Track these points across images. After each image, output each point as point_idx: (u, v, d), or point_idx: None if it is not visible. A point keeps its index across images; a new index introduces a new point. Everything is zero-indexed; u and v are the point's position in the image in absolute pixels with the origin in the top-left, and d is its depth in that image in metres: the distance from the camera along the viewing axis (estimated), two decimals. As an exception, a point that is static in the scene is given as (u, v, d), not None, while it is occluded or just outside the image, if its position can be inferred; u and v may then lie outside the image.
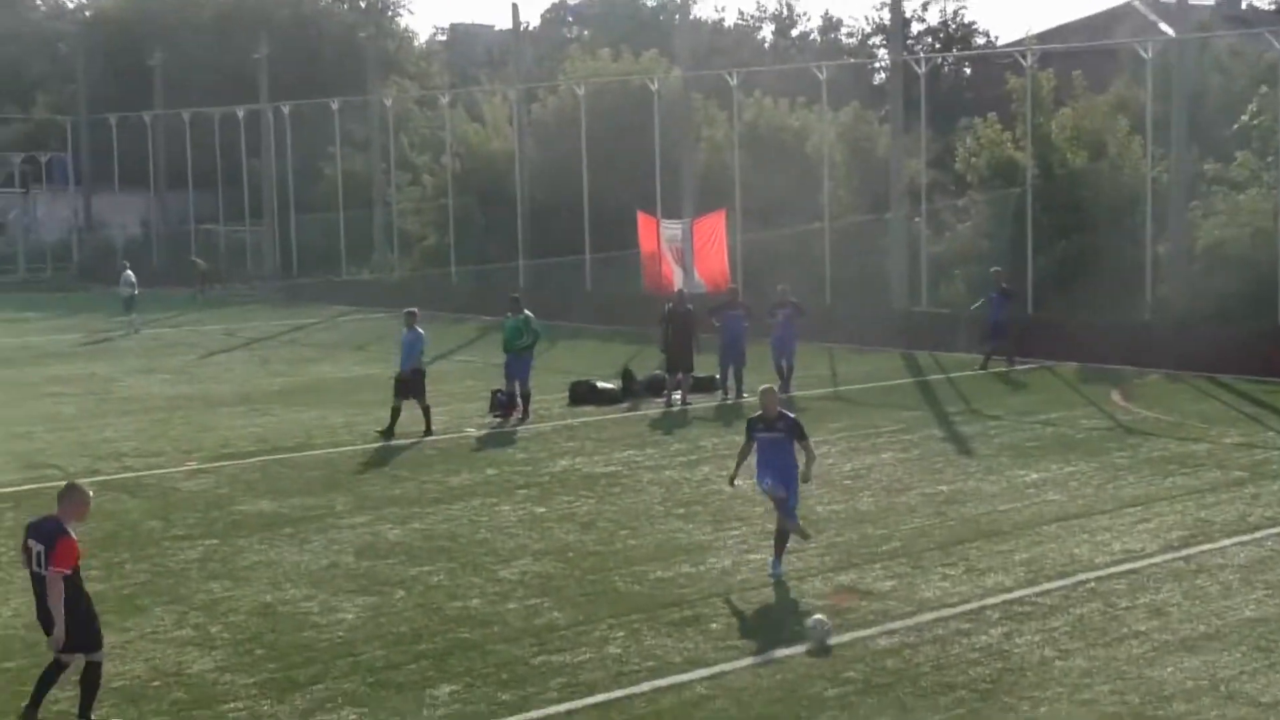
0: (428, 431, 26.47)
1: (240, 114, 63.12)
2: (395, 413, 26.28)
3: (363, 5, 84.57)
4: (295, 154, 61.31)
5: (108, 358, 40.24)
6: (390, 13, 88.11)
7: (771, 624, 15.12)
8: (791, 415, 17.28)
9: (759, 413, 17.13)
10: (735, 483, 17.95)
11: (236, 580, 17.00)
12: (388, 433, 26.17)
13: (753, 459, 17.13)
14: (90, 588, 16.45)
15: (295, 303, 56.79)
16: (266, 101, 62.70)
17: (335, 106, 59.06)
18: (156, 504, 21.24)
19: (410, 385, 26.47)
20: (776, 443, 16.76)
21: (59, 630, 11.59)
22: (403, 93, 66.20)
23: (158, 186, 71.87)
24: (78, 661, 11.99)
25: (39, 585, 11.79)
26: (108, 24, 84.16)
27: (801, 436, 16.89)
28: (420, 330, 26.87)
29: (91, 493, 12.33)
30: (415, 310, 27.68)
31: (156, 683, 13.49)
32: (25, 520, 19.59)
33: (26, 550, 11.99)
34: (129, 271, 49.47)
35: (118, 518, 20.34)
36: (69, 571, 11.64)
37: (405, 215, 59.62)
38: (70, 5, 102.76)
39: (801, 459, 16.96)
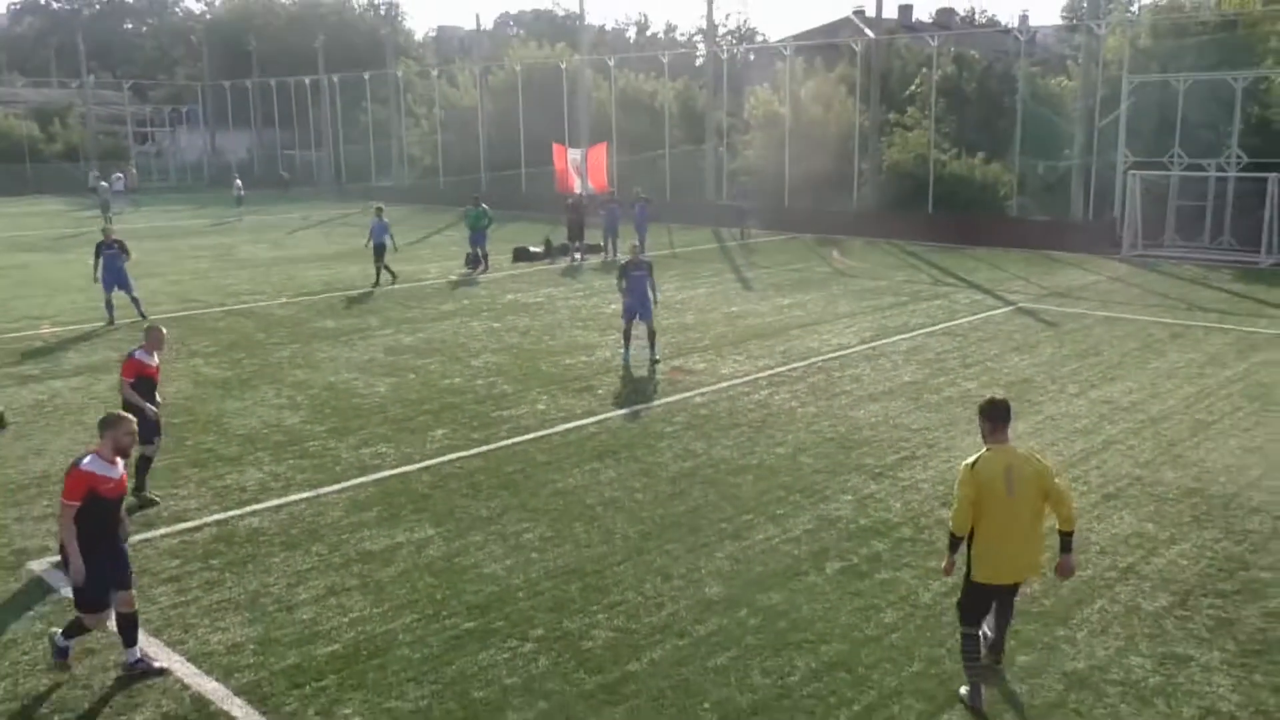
0: (377, 283, 25.34)
1: (307, 81, 60.68)
2: (377, 271, 25.50)
3: (383, 12, 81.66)
4: (342, 106, 59.21)
5: (227, 234, 39.08)
6: (400, 18, 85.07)
7: (633, 389, 15.31)
8: (647, 261, 17.34)
9: (629, 259, 17.24)
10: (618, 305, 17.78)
11: (312, 368, 16.86)
12: (376, 283, 25.32)
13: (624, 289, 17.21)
14: (221, 375, 16.40)
15: (343, 200, 55.27)
16: (323, 73, 60.36)
17: (366, 77, 57.03)
18: (261, 323, 20.86)
19: (378, 253, 25.51)
20: (639, 278, 16.84)
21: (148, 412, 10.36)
22: (408, 69, 63.88)
23: (256, 126, 69.15)
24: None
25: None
26: (222, 21, 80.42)
27: (651, 274, 17.02)
28: (385, 220, 25.76)
29: (165, 331, 11.15)
30: (382, 206, 26.94)
31: (265, 430, 13.44)
32: (184, 336, 19.31)
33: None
34: (238, 180, 47.85)
35: (238, 331, 19.99)
36: (130, 380, 10.48)
37: (411, 145, 58.17)
38: (196, 10, 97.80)
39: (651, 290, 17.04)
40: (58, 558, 9.31)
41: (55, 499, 10.90)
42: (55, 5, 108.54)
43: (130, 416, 7.46)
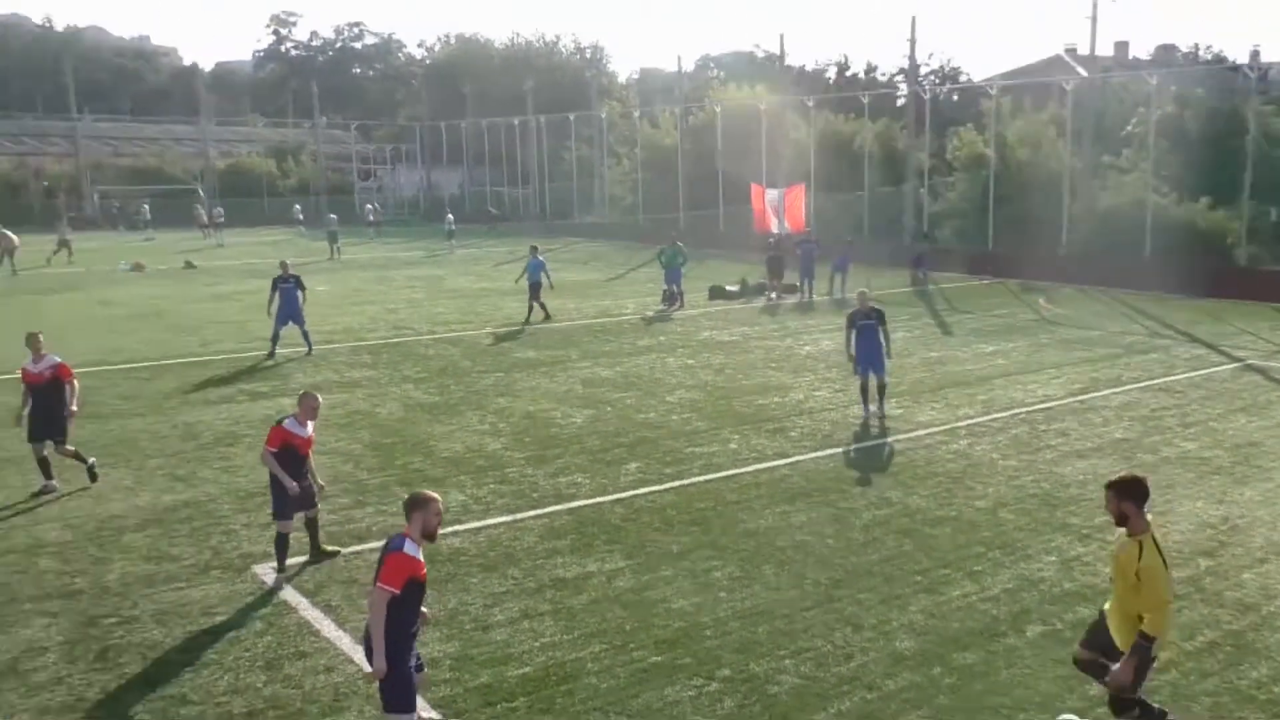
0: (528, 320, 25.15)
1: (515, 122, 63.26)
2: (530, 308, 25.50)
3: (589, 56, 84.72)
4: (548, 145, 61.40)
5: (439, 265, 40.97)
6: (604, 61, 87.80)
7: (827, 434, 15.08)
8: (879, 309, 16.01)
9: (857, 308, 15.90)
10: (851, 354, 15.92)
11: (514, 396, 17.39)
12: (527, 320, 25.19)
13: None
14: (429, 399, 17.14)
15: (547, 235, 57.13)
16: (531, 114, 62.78)
17: (571, 118, 58.88)
18: (468, 351, 21.68)
19: (534, 291, 25.38)
20: (869, 327, 15.77)
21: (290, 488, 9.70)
22: (611, 110, 65.73)
23: (468, 164, 72.56)
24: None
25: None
26: (440, 67, 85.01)
27: (883, 323, 15.72)
28: (540, 258, 25.78)
29: (320, 399, 10.15)
30: (537, 245, 27.11)
31: (468, 454, 13.94)
32: (396, 361, 20.33)
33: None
34: (450, 215, 50.21)
35: (445, 359, 20.87)
36: (272, 450, 9.75)
37: (612, 183, 59.69)
38: (418, 56, 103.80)
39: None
40: (274, 563, 9.96)
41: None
42: (294, 53, 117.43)
43: (437, 496, 6.59)
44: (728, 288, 30.85)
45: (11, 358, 20.34)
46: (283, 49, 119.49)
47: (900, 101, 57.05)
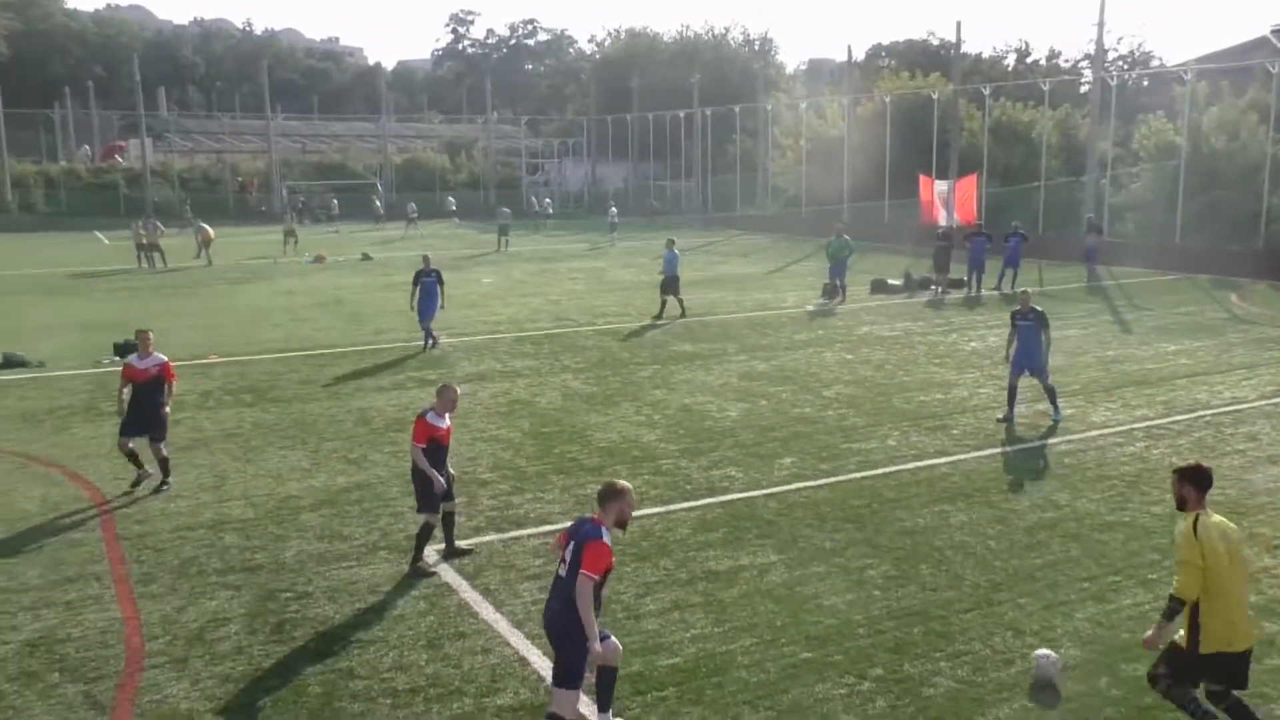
0: (682, 314, 24.75)
1: (681, 115, 63.51)
2: (662, 304, 25.10)
3: (757, 48, 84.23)
4: (712, 138, 61.38)
5: (601, 258, 41.57)
6: (773, 52, 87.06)
7: (991, 432, 14.59)
8: (1039, 310, 15.29)
9: (1019, 307, 15.30)
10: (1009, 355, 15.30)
11: (670, 389, 17.50)
12: (658, 316, 24.85)
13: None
14: (588, 389, 17.42)
15: (709, 228, 57.21)
16: (696, 107, 62.93)
17: (736, 110, 58.80)
18: (626, 343, 21.84)
19: (669, 286, 24.96)
20: (1027, 328, 15.10)
21: (437, 484, 9.67)
22: (777, 101, 65.23)
23: (632, 158, 73.32)
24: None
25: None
26: (609, 62, 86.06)
27: (1044, 325, 14.97)
28: (676, 251, 25.32)
29: (458, 391, 10.20)
30: (673, 238, 26.42)
31: (623, 445, 14.11)
32: (557, 351, 20.78)
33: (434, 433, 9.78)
34: (614, 208, 50.81)
35: (604, 350, 21.14)
36: (421, 446, 9.68)
37: (776, 175, 59.23)
38: (588, 52, 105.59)
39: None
40: (441, 546, 10.32)
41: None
42: (470, 50, 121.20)
43: (630, 487, 6.85)
44: (891, 281, 30.19)
45: (207, 344, 21.76)
46: (460, 47, 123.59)
47: (1084, 88, 54.47)
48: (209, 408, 16.42)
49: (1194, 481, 6.70)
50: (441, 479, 9.76)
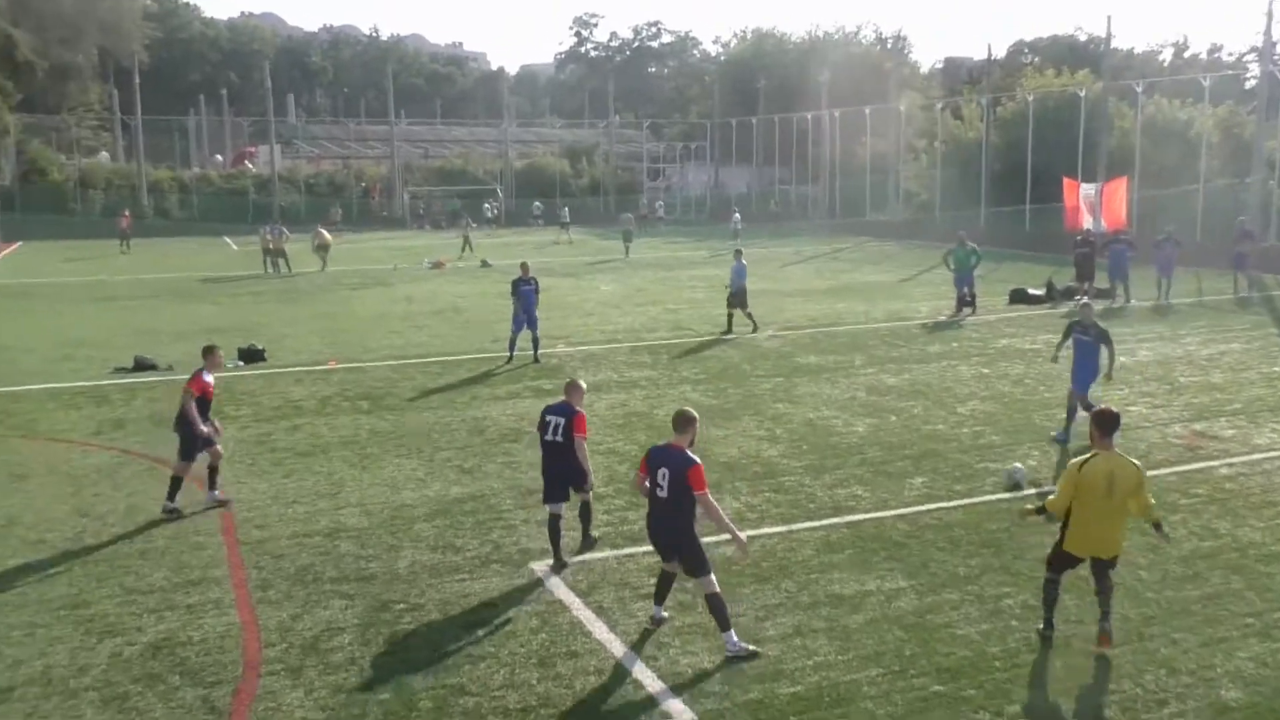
0: (755, 329, 23.90)
1: (809, 116, 63.00)
2: (729, 318, 24.30)
3: (888, 46, 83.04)
4: (841, 140, 60.69)
5: (722, 266, 41.01)
6: (907, 51, 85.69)
7: (1143, 453, 13.93)
8: (1099, 327, 14.42)
9: (1078, 318, 14.58)
10: (1057, 358, 15.18)
11: (793, 403, 17.30)
12: (727, 330, 24.09)
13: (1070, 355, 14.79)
14: (707, 402, 17.35)
15: (835, 234, 56.55)
16: (825, 108, 62.37)
17: (867, 111, 58.00)
18: (747, 354, 21.79)
19: (737, 298, 24.07)
20: (1085, 344, 14.36)
21: (589, 479, 10.59)
22: (911, 102, 64.17)
23: (757, 162, 73.05)
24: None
25: (554, 450, 10.35)
26: (734, 63, 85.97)
27: (1104, 340, 14.13)
28: (744, 262, 24.49)
29: (585, 386, 10.86)
30: (741, 249, 25.63)
31: (744, 460, 13.99)
32: (675, 363, 20.72)
33: (544, 425, 10.41)
34: (737, 214, 50.68)
35: (725, 361, 21.05)
36: (585, 436, 10.34)
37: (908, 180, 58.32)
38: (713, 53, 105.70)
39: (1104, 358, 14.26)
40: (549, 560, 10.37)
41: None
42: (594, 53, 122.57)
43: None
44: (1031, 291, 29.26)
45: (327, 350, 22.43)
46: (583, 50, 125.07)
47: (1250, 83, 52.04)
48: (327, 414, 16.88)
49: (1099, 424, 8.38)
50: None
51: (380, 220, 67.66)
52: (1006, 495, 12.30)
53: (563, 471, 10.39)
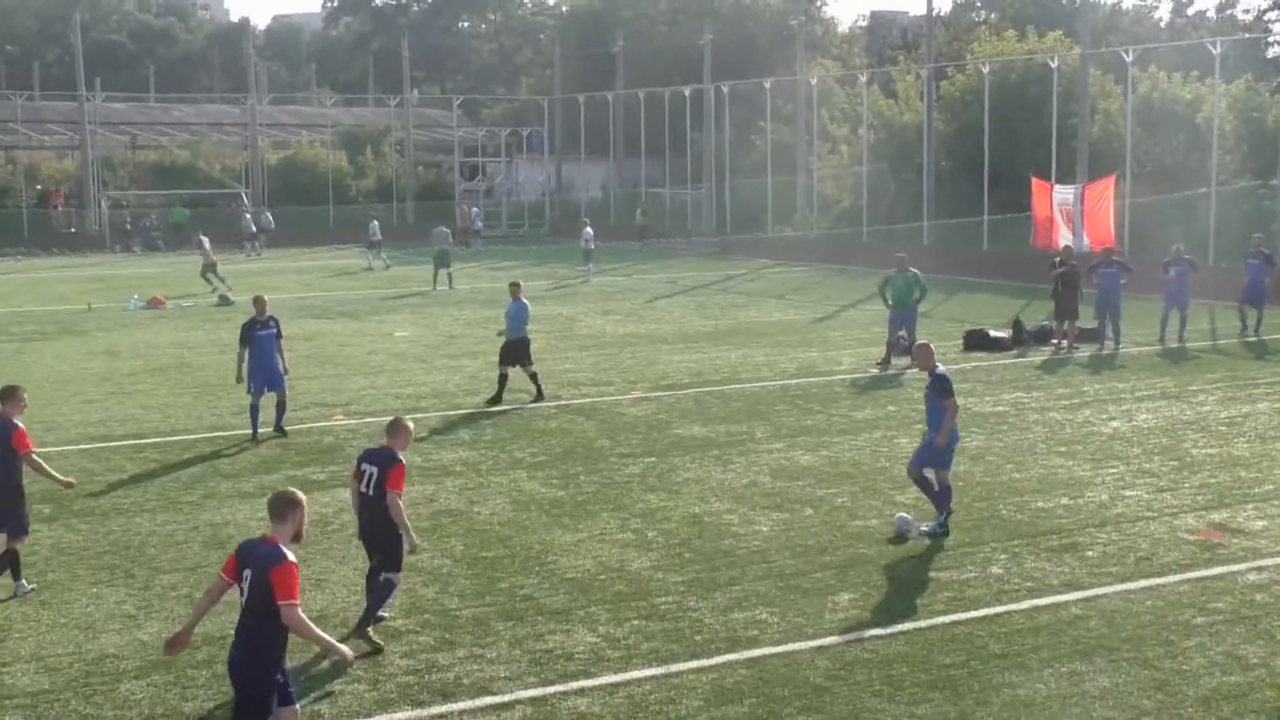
0: (538, 397, 23.87)
1: (686, 92, 64.30)
2: (502, 379, 24.19)
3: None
4: (732, 127, 62.10)
5: (569, 301, 41.64)
6: (818, 2, 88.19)
7: (1144, 555, 14.55)
8: (941, 370, 15.91)
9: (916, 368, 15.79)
10: None
11: (670, 493, 17.43)
12: (495, 399, 23.96)
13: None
14: (549, 494, 17.45)
15: (726, 256, 57.62)
16: (709, 81, 63.78)
17: (767, 85, 59.55)
18: (606, 425, 21.92)
19: (514, 351, 24.25)
20: (929, 394, 15.80)
21: (411, 541, 12.22)
22: (826, 73, 66.20)
23: (616, 155, 74.07)
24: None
25: (367, 505, 12.18)
26: (580, 17, 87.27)
27: (948, 394, 15.54)
28: (525, 301, 24.90)
29: (412, 426, 12.90)
30: (519, 283, 25.93)
31: (602, 576, 14.05)
32: (503, 439, 20.80)
33: (359, 475, 12.29)
34: (588, 228, 51.28)
35: (574, 436, 21.14)
36: (401, 492, 12.07)
37: (824, 180, 59.94)
38: (551, 2, 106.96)
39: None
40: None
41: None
42: (379, 1, 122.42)
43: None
44: (993, 333, 30.35)
45: None
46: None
47: (1273, 50, 55.21)
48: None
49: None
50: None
51: (65, 240, 65.94)
52: (963, 616, 12.65)
53: (377, 533, 12.14)
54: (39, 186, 69.54)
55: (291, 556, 8.71)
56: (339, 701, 10.88)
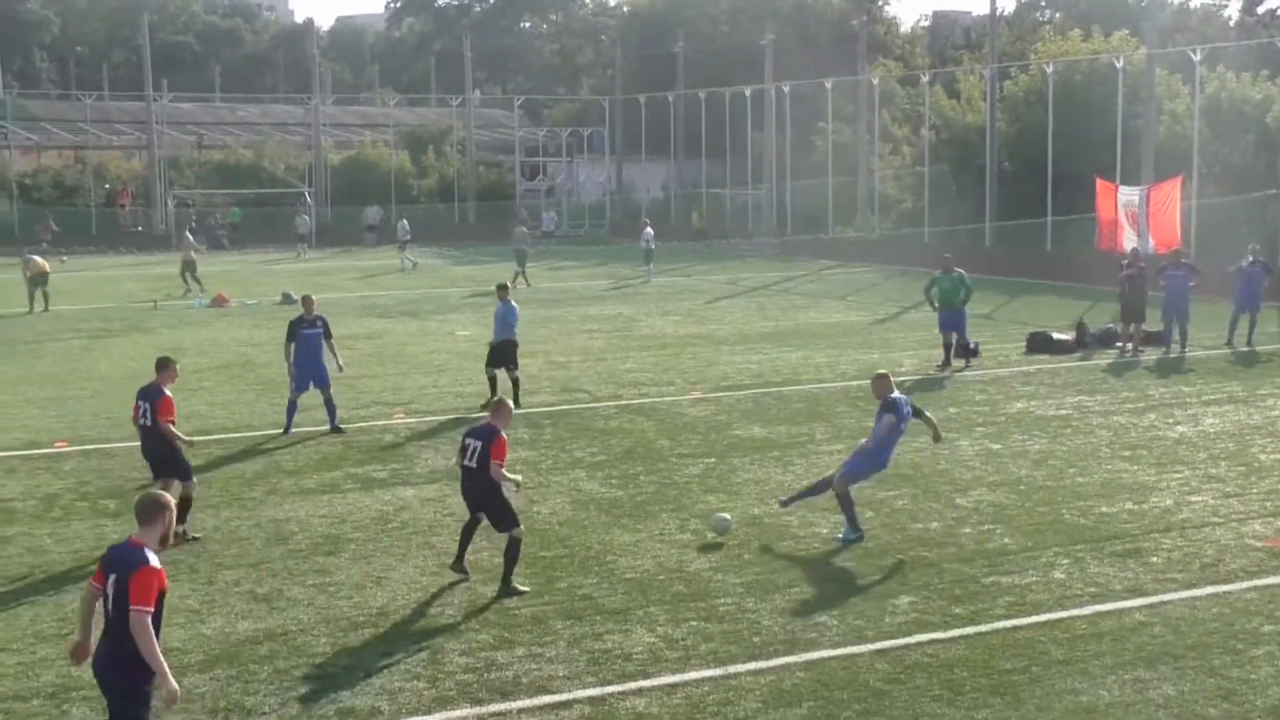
0: (516, 403, 21.80)
1: (747, 93, 64.28)
2: (492, 380, 24.06)
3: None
4: (792, 127, 61.95)
5: (629, 301, 41.73)
6: (880, 1, 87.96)
7: (1210, 561, 14.38)
8: (894, 397, 15.56)
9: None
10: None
11: (730, 494, 17.44)
12: (487, 403, 22.43)
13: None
14: (609, 494, 17.52)
15: (787, 256, 57.49)
16: (770, 81, 63.68)
17: (829, 85, 59.39)
18: (666, 426, 21.94)
19: (501, 353, 24.00)
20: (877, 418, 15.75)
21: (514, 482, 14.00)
22: (888, 73, 65.97)
23: (676, 155, 74.12)
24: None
25: (470, 476, 13.65)
26: (641, 17, 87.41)
27: (889, 410, 15.47)
28: (513, 304, 24.69)
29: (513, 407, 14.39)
30: (507, 284, 25.99)
31: (661, 576, 14.05)
32: (563, 437, 20.91)
33: (464, 450, 13.66)
34: (649, 228, 51.30)
35: (634, 435, 21.17)
36: (503, 463, 13.44)
37: (885, 181, 59.76)
38: (612, 3, 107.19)
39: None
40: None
41: (399, 641, 12.05)
42: (441, 2, 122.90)
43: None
44: (1056, 336, 30.11)
45: (53, 426, 21.97)
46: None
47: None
48: (53, 518, 16.54)
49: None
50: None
51: (133, 238, 66.80)
52: (1024, 621, 12.56)
53: (487, 501, 13.64)
54: (107, 185, 70.44)
55: (155, 561, 8.37)
56: (399, 698, 10.93)
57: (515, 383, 23.89)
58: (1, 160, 70.67)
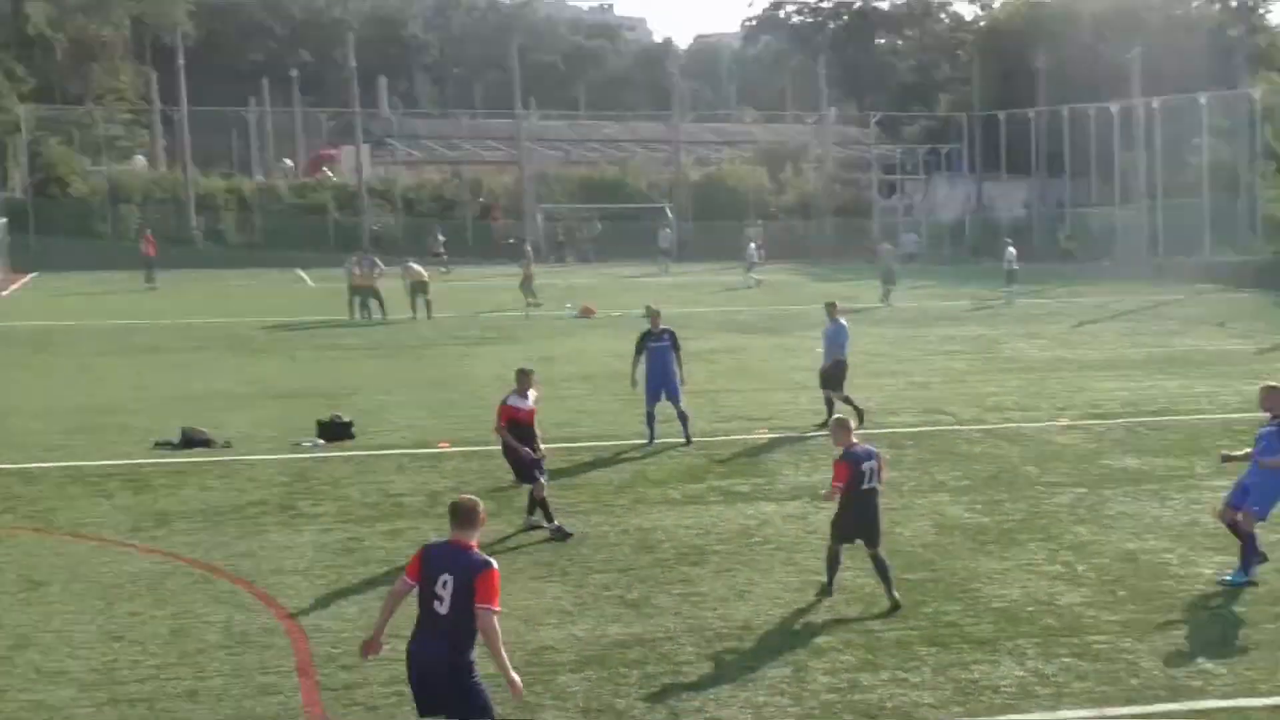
0: (859, 421, 21.44)
1: (1114, 109, 62.14)
2: (828, 403, 23.24)
3: (1233, 4, 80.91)
4: (1164, 144, 59.55)
5: (991, 322, 40.93)
6: (1260, 10, 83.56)
7: None
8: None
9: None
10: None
11: (1101, 526, 16.86)
12: (825, 424, 21.73)
13: None
14: (973, 520, 17.24)
15: (1158, 279, 55.18)
16: (1138, 97, 61.40)
17: (1203, 101, 56.92)
18: (1032, 452, 21.39)
19: (829, 377, 23.42)
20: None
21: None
22: (1270, 86, 62.53)
23: (1038, 173, 72.31)
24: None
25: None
26: (1000, 33, 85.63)
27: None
28: (843, 321, 23.81)
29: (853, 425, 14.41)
30: (835, 302, 24.70)
31: (1030, 608, 13.70)
32: (926, 460, 20.65)
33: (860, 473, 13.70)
34: (1011, 248, 50.19)
35: (999, 461, 20.72)
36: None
37: (1270, 201, 56.68)
38: (969, 18, 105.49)
39: None
40: None
41: (762, 656, 12.12)
42: (797, 19, 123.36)
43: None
44: None
45: (436, 428, 23.07)
46: (781, 14, 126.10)
47: None
48: (438, 514, 17.21)
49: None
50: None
51: (505, 249, 69.49)
52: None
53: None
54: (481, 199, 73.48)
55: (495, 563, 8.85)
56: (763, 712, 10.99)
57: (848, 400, 23.11)
58: (390, 175, 74.66)
